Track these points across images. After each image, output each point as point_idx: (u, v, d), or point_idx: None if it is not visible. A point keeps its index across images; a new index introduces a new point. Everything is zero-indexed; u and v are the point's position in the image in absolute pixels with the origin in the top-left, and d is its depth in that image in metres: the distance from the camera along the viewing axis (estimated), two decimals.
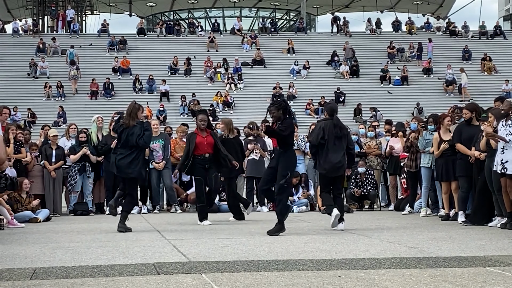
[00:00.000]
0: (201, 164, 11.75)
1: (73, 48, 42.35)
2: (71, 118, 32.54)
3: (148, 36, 47.85)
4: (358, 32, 49.07)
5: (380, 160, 16.14)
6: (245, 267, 6.32)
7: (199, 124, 11.96)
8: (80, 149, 14.82)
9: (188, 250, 7.64)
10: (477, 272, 5.96)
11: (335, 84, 40.49)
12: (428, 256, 7.00)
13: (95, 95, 38.90)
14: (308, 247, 7.94)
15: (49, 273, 6.09)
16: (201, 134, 11.88)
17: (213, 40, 45.32)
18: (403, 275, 5.80)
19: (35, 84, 40.08)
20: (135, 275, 5.94)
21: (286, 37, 47.32)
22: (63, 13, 48.97)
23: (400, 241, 8.52)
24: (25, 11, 57.79)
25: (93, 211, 15.11)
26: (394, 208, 15.46)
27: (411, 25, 49.07)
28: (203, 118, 12.00)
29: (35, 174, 14.56)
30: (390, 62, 43.23)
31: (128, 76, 41.07)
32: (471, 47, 44.78)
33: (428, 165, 12.91)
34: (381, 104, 38.06)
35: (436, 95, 40.39)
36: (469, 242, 8.39)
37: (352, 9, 60.07)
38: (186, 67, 41.77)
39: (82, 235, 9.85)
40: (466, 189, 11.49)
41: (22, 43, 44.83)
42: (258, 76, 41.93)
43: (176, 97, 38.57)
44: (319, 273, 5.95)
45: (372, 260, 6.70)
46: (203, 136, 11.85)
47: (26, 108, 35.76)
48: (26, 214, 12.78)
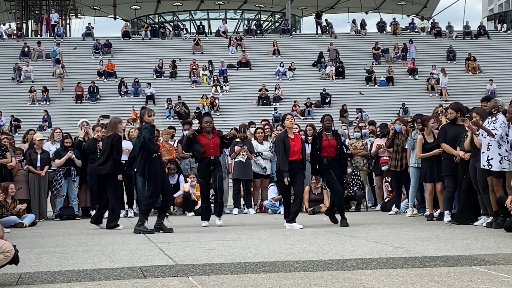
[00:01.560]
0: (205, 167, 11.78)
1: (58, 46, 42.31)
2: (56, 122, 32.34)
3: (133, 39, 47.70)
4: (343, 33, 49.17)
5: (366, 161, 16.18)
6: (232, 269, 6.31)
7: (205, 126, 11.82)
8: (65, 153, 14.75)
9: (175, 253, 7.62)
10: (463, 271, 5.99)
11: (320, 85, 40.53)
12: (414, 256, 7.03)
13: (80, 98, 38.75)
14: (295, 248, 7.94)
15: (35, 278, 6.06)
16: (207, 136, 11.82)
17: (198, 42, 45.28)
18: (389, 275, 5.82)
19: (19, 88, 39.85)
20: (121, 278, 5.92)
21: (272, 39, 47.34)
22: (47, 17, 48.75)
23: (386, 241, 8.55)
24: (9, 15, 57.49)
25: (79, 215, 15.04)
26: (381, 208, 15.50)
27: (395, 25, 49.25)
28: (209, 120, 11.93)
29: (20, 179, 14.47)
30: (375, 63, 43.35)
31: (114, 79, 40.94)
32: (456, 47, 44.98)
33: (415, 164, 12.95)
34: (367, 105, 38.14)
35: (421, 95, 40.53)
36: (455, 241, 8.42)
37: (336, 10, 60.22)
38: (171, 69, 41.70)
39: (68, 240, 9.81)
40: (452, 188, 11.53)
41: (6, 47, 44.55)
42: (244, 78, 41.91)
43: (162, 100, 38.49)
44: (306, 274, 5.95)
45: (359, 260, 6.71)
46: (210, 138, 11.81)
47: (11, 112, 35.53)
48: (12, 219, 12.70)
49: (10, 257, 5.78)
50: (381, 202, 15.83)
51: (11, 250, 5.79)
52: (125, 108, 36.36)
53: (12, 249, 5.80)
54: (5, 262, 5.76)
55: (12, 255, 5.79)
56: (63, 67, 40.53)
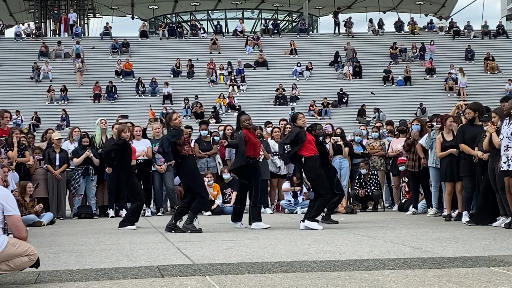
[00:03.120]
0: (251, 168, 11.26)
1: (78, 44, 42.71)
2: (74, 122, 32.56)
3: (150, 39, 47.87)
4: (360, 33, 49.05)
5: (384, 160, 16.14)
6: (249, 269, 6.31)
7: (245, 124, 11.22)
8: (83, 152, 14.82)
9: (192, 253, 7.64)
10: (482, 272, 5.95)
11: (338, 85, 40.47)
12: (432, 256, 6.99)
13: (98, 98, 38.94)
14: (312, 248, 7.93)
15: (53, 277, 6.10)
16: (253, 135, 11.42)
17: (215, 42, 45.34)
18: (407, 276, 5.80)
19: (38, 88, 40.13)
20: (139, 277, 5.94)
21: (289, 39, 47.33)
22: (65, 17, 49.04)
23: (404, 241, 8.51)
24: (28, 15, 57.87)
25: (96, 214, 15.12)
26: (398, 209, 15.45)
27: (413, 25, 49.06)
28: (247, 117, 11.34)
29: (38, 178, 14.57)
30: (393, 63, 43.21)
31: (131, 79, 41.10)
32: (474, 47, 44.74)
33: (433, 164, 12.90)
34: (384, 104, 38.03)
35: (439, 95, 40.35)
36: (473, 242, 8.38)
37: (354, 10, 60.03)
38: (188, 69, 41.79)
39: (86, 238, 9.86)
40: (470, 189, 11.46)
41: (25, 47, 44.89)
42: (261, 78, 41.91)
43: (179, 99, 38.58)
44: (323, 275, 5.94)
45: (376, 261, 6.69)
46: (256, 138, 11.47)
47: (30, 111, 35.78)
48: (30, 217, 12.79)
49: (34, 260, 5.82)
50: (398, 203, 15.78)
51: (35, 253, 5.83)
52: (142, 108, 36.51)
53: (36, 252, 5.85)
54: (30, 264, 5.80)
55: (35, 258, 5.84)
56: (82, 62, 41.02)
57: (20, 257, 5.71)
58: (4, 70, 41.61)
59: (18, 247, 5.71)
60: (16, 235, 5.84)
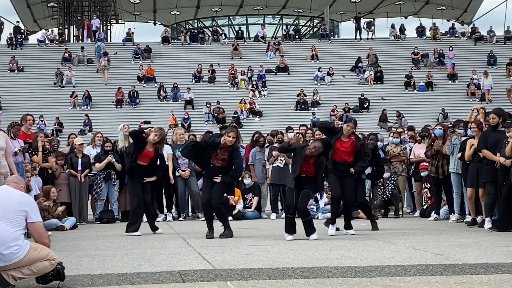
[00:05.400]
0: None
1: (100, 42, 43.15)
2: (97, 127, 32.78)
3: (172, 44, 48.07)
4: (382, 38, 48.92)
5: (405, 166, 16.06)
6: (270, 274, 6.31)
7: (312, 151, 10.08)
8: (105, 157, 14.91)
9: (213, 258, 7.65)
10: (504, 279, 5.91)
11: (359, 90, 40.38)
12: (454, 263, 6.95)
13: (121, 103, 39.17)
14: (333, 254, 7.92)
15: (75, 281, 6.14)
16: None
17: (236, 47, 45.43)
18: (429, 282, 5.77)
19: (61, 93, 40.44)
20: (160, 282, 5.97)
21: (310, 44, 47.29)
22: (88, 23, 49.40)
23: (425, 248, 8.47)
24: (51, 21, 58.35)
25: (119, 219, 15.18)
26: (420, 214, 15.36)
27: (435, 30, 48.82)
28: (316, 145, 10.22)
29: (61, 182, 14.68)
30: (415, 68, 43.04)
31: (153, 84, 41.29)
32: (496, 52, 44.43)
33: (454, 170, 12.82)
34: (406, 110, 37.87)
35: (461, 100, 40.10)
36: (496, 248, 8.31)
37: (376, 15, 59.90)
38: (210, 74, 41.91)
39: (108, 243, 9.91)
40: (493, 195, 11.37)
41: (48, 53, 45.28)
42: (282, 83, 41.93)
43: (200, 104, 38.69)
44: (344, 281, 5.93)
45: (398, 267, 6.66)
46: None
47: (53, 116, 36.07)
48: (53, 222, 12.89)
49: (55, 264, 5.87)
50: (420, 208, 15.69)
51: (56, 258, 5.89)
52: (164, 113, 36.65)
53: (56, 257, 5.91)
54: (51, 269, 5.86)
55: (56, 263, 5.89)
56: (108, 60, 41.90)
57: (42, 262, 5.77)
58: (27, 76, 41.98)
59: (39, 252, 5.78)
60: (38, 241, 5.90)
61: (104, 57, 42.23)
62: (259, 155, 16.02)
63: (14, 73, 42.12)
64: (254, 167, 15.92)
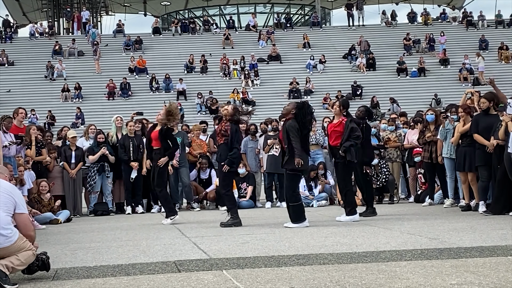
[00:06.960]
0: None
1: (95, 28, 43.06)
2: (89, 119, 32.71)
3: (163, 35, 47.95)
4: (373, 25, 48.90)
5: (400, 152, 16.06)
6: (266, 262, 6.31)
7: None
8: (98, 150, 14.87)
9: (209, 247, 7.65)
10: (499, 262, 5.92)
11: (351, 77, 40.39)
12: (449, 247, 6.96)
13: (112, 95, 39.08)
14: (328, 241, 7.92)
15: (70, 274, 6.12)
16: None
17: (228, 37, 45.35)
18: (424, 267, 5.78)
19: (52, 86, 40.31)
20: (156, 273, 5.96)
21: (302, 32, 47.27)
22: (78, 15, 49.23)
23: (420, 232, 8.49)
24: (41, 14, 58.11)
25: (113, 211, 15.16)
26: (414, 200, 15.39)
27: (426, 16, 48.82)
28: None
29: (55, 175, 14.64)
30: (407, 54, 43.05)
31: (145, 75, 41.21)
32: (488, 37, 44.47)
33: (447, 155, 12.83)
34: (399, 96, 37.92)
35: (454, 85, 40.16)
36: (491, 232, 8.33)
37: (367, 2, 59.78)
38: (202, 65, 41.83)
39: (102, 235, 9.90)
40: (486, 178, 11.38)
41: (38, 46, 45.10)
42: (275, 72, 41.90)
43: (193, 95, 38.64)
44: (340, 267, 5.93)
45: (393, 252, 6.68)
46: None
47: (45, 110, 35.97)
48: (47, 215, 12.86)
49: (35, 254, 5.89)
50: (414, 194, 15.72)
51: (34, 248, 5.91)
52: (156, 104, 36.54)
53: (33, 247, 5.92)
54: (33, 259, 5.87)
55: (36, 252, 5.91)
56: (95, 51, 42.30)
57: (27, 251, 5.81)
58: (18, 69, 41.84)
59: (24, 241, 5.85)
60: (25, 233, 5.92)
61: (97, 46, 42.35)
62: (251, 144, 15.96)
63: (4, 67, 41.98)
64: (247, 156, 15.84)
